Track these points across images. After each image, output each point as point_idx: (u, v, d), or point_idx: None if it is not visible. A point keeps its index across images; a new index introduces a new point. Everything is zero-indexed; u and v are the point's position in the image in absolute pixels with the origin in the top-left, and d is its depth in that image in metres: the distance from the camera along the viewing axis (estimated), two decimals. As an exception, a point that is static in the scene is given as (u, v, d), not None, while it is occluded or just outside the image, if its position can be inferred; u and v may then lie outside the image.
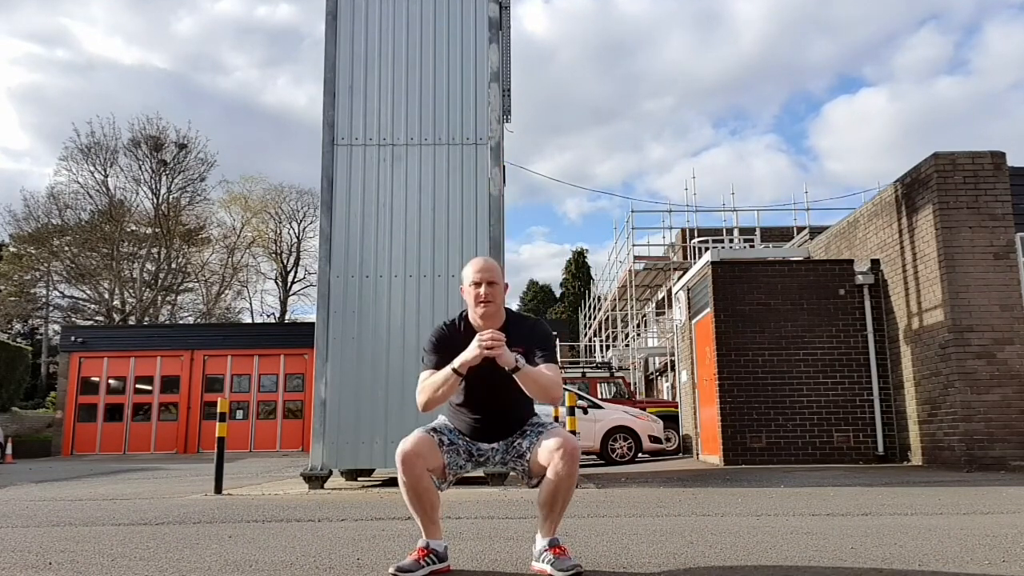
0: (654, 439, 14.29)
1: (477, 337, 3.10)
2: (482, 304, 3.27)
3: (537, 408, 3.52)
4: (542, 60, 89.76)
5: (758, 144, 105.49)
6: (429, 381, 3.25)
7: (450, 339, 3.32)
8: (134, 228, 40.70)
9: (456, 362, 3.14)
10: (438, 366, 3.26)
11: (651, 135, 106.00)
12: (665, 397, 26.08)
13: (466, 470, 3.38)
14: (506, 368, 3.09)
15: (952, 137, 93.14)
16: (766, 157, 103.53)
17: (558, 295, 63.87)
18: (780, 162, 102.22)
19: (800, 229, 22.91)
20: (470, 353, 3.10)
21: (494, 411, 3.30)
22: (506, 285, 3.41)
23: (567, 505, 3.24)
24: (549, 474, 3.14)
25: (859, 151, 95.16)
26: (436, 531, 3.29)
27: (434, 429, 3.34)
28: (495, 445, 3.35)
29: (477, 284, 3.28)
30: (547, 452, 3.15)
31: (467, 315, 3.38)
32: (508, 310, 3.39)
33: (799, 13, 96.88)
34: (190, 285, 44.52)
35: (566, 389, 11.15)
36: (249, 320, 47.13)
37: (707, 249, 14.79)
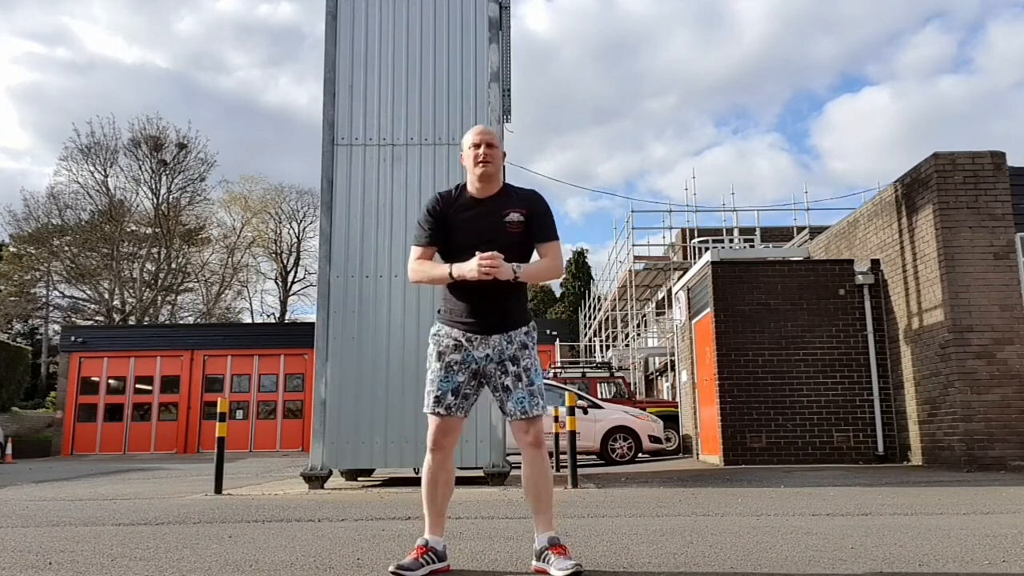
0: (654, 439, 14.29)
1: (477, 258, 3.15)
2: (481, 164, 3.31)
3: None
4: (543, 59, 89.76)
5: (760, 143, 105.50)
6: (426, 271, 3.36)
7: (444, 209, 3.37)
8: (134, 228, 40.73)
9: (455, 271, 3.23)
10: (431, 238, 3.34)
11: (653, 134, 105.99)
12: (665, 397, 26.07)
13: (474, 392, 3.36)
14: (508, 279, 3.18)
15: (955, 136, 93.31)
16: (768, 156, 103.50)
17: (558, 295, 63.85)
18: (782, 161, 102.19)
19: (800, 229, 22.91)
20: (469, 272, 3.17)
21: (490, 298, 3.27)
22: (504, 153, 3.50)
23: (551, 492, 3.32)
24: (523, 464, 3.31)
25: (862, 150, 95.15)
26: (439, 527, 3.32)
27: (438, 399, 3.30)
28: (490, 352, 3.30)
29: (476, 145, 3.34)
30: (517, 432, 3.28)
31: (464, 185, 3.43)
32: (506, 182, 3.47)
33: (802, 12, 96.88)
34: (190, 285, 44.57)
35: (566, 389, 11.17)
36: (249, 320, 47.18)
37: (707, 249, 14.79)
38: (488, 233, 3.28)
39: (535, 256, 3.40)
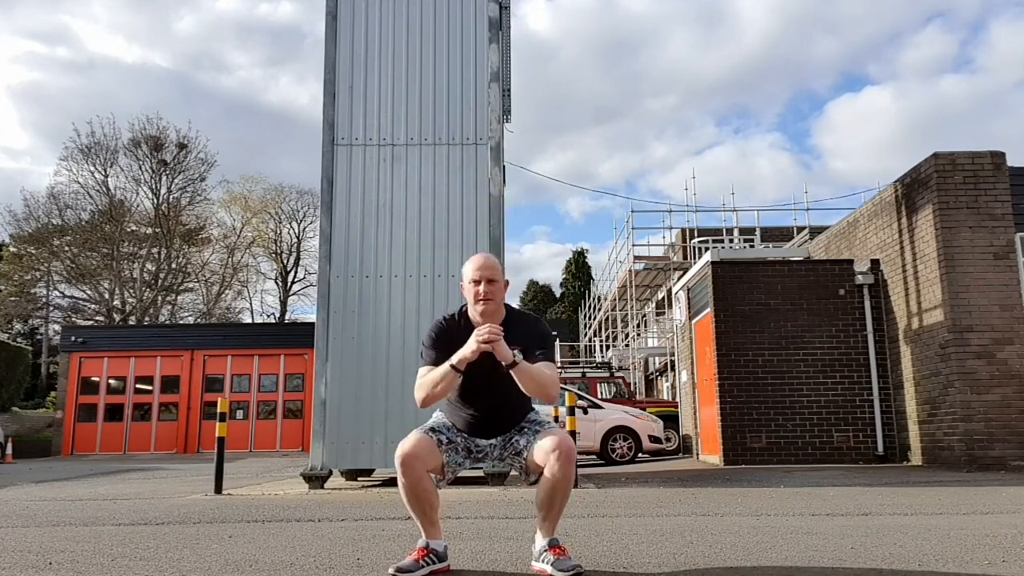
0: (654, 439, 14.29)
1: (475, 332, 3.10)
2: (482, 302, 3.27)
3: (536, 406, 3.52)
4: (544, 59, 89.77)
5: (761, 143, 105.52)
6: (428, 377, 3.25)
7: (448, 334, 3.31)
8: (134, 228, 40.72)
9: (455, 358, 3.14)
10: (436, 361, 3.25)
11: (654, 134, 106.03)
12: (665, 397, 26.07)
13: (464, 467, 3.38)
14: (504, 363, 3.09)
15: (956, 136, 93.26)
16: (769, 156, 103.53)
17: (558, 295, 63.86)
18: (783, 161, 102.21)
19: (800, 229, 22.91)
20: (468, 349, 3.10)
21: (492, 407, 3.30)
22: (506, 282, 3.40)
23: (565, 505, 3.24)
24: (546, 474, 3.14)
25: (863, 150, 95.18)
26: (436, 532, 3.29)
27: (432, 429, 3.34)
28: (493, 441, 3.35)
29: (477, 282, 3.27)
30: (543, 453, 3.14)
31: (467, 310, 3.37)
32: (508, 307, 3.38)
33: (803, 11, 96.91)
34: (190, 285, 44.54)
35: (566, 389, 11.17)
36: (249, 320, 47.17)
37: (707, 249, 14.79)
38: (489, 369, 3.17)
39: None
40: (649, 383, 31.44)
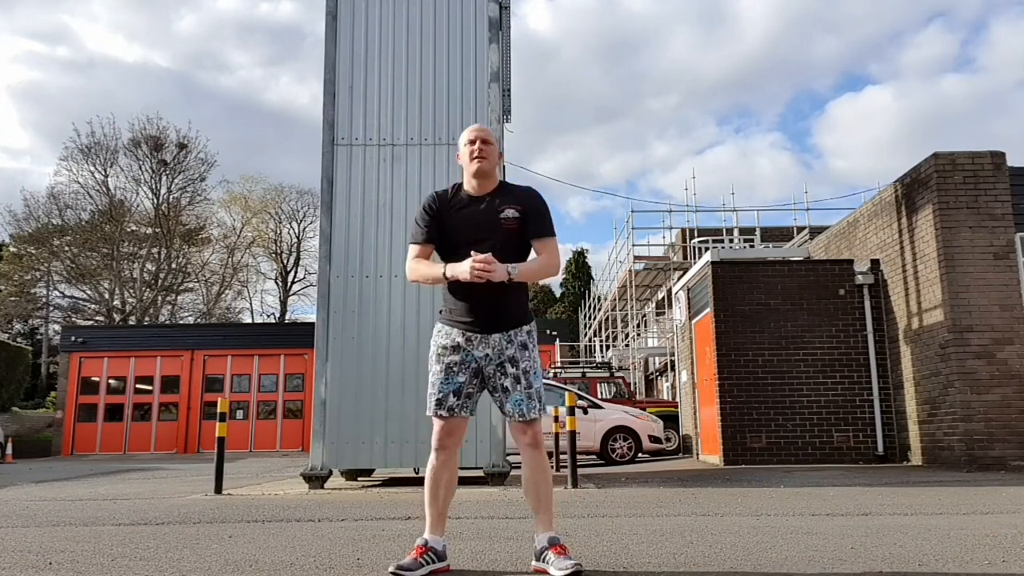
0: (654, 439, 14.29)
1: (471, 260, 3.13)
2: (476, 160, 3.31)
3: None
4: (545, 58, 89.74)
5: (762, 142, 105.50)
6: (422, 270, 3.35)
7: (440, 207, 3.38)
8: (134, 228, 40.74)
9: (449, 271, 3.23)
10: (426, 238, 3.35)
11: (655, 133, 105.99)
12: (665, 397, 26.07)
13: (476, 390, 3.35)
14: (503, 281, 3.16)
15: (957, 135, 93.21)
16: (770, 155, 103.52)
17: (558, 295, 63.84)
18: (784, 160, 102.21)
19: (800, 229, 22.91)
20: (462, 274, 3.16)
21: (488, 290, 3.24)
22: (501, 153, 3.50)
23: (551, 492, 3.32)
24: (523, 465, 3.32)
25: (863, 149, 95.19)
26: (440, 527, 3.32)
27: (439, 402, 3.30)
28: (489, 352, 3.29)
29: (472, 141, 3.35)
30: (516, 434, 3.30)
31: (460, 184, 3.44)
32: (502, 181, 3.47)
33: (804, 11, 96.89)
34: (190, 285, 44.57)
35: (566, 389, 11.17)
36: (249, 320, 47.18)
37: (707, 249, 14.79)
38: (484, 230, 3.27)
39: (532, 254, 3.40)
40: (649, 383, 31.43)
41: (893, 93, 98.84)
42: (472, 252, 3.17)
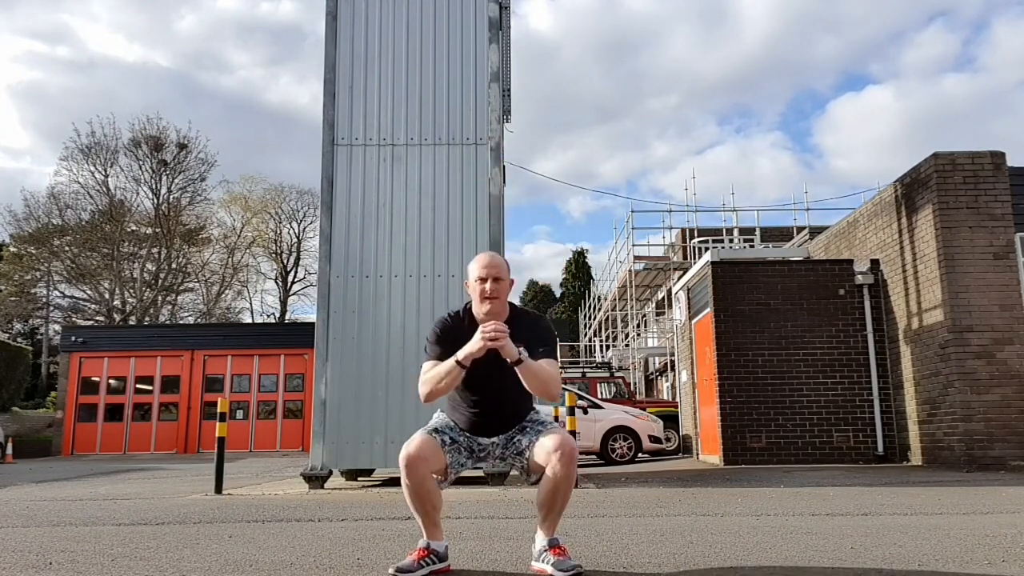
0: (654, 439, 14.29)
1: (481, 328, 3.10)
2: (488, 300, 3.27)
3: (538, 405, 3.52)
4: (545, 58, 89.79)
5: (763, 142, 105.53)
6: (432, 372, 3.25)
7: (453, 330, 3.31)
8: (134, 228, 40.72)
9: (460, 354, 3.14)
10: (441, 357, 3.26)
11: (655, 133, 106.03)
12: (665, 397, 26.08)
13: (467, 467, 3.39)
14: (509, 360, 3.09)
15: (958, 135, 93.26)
16: (771, 155, 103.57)
17: (558, 295, 63.87)
18: (785, 160, 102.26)
19: (800, 229, 22.91)
20: (474, 345, 3.09)
21: (494, 404, 3.30)
22: (511, 281, 3.41)
23: (566, 505, 3.24)
24: (547, 474, 3.15)
25: (864, 149, 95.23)
26: (437, 532, 3.30)
27: (436, 430, 3.34)
28: (495, 440, 3.35)
29: (483, 279, 3.28)
30: (544, 453, 3.16)
31: (471, 307, 3.38)
32: (512, 304, 3.40)
33: (805, 10, 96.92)
34: (190, 285, 44.55)
35: (566, 389, 11.17)
36: (249, 320, 47.17)
37: (707, 249, 14.79)
38: (492, 365, 3.17)
39: None
40: (649, 383, 31.44)
41: (894, 93, 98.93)
42: (480, 327, 3.15)
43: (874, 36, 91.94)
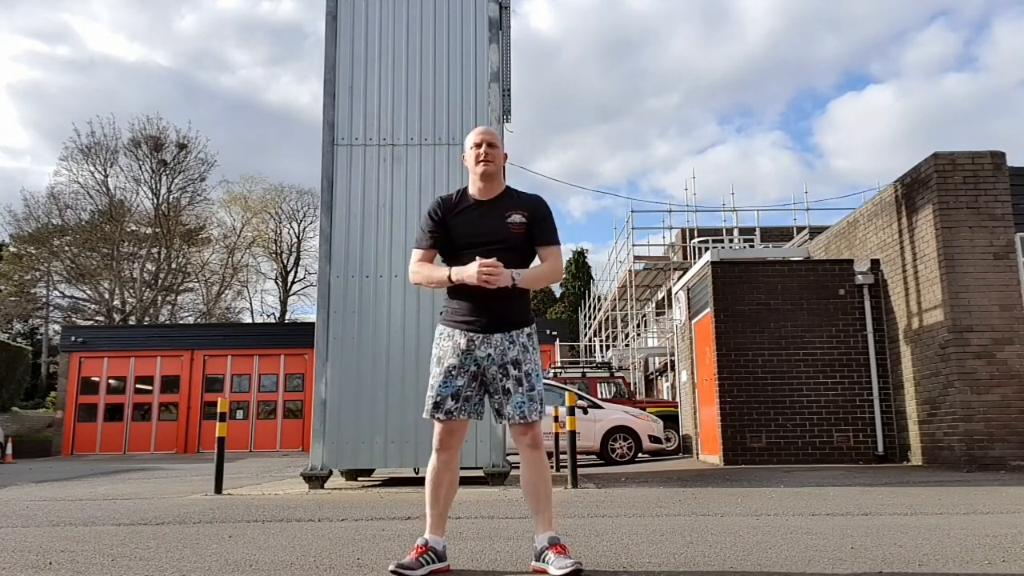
0: (654, 439, 14.29)
1: (478, 263, 3.15)
2: (482, 163, 3.33)
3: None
4: (546, 57, 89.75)
5: (764, 141, 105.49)
6: (426, 274, 3.38)
7: (444, 214, 3.39)
8: (134, 228, 40.75)
9: (455, 274, 3.23)
10: (431, 244, 3.38)
11: (656, 132, 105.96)
12: (665, 397, 26.08)
13: (479, 396, 3.34)
14: (507, 286, 3.18)
15: (959, 135, 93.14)
16: (771, 155, 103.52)
17: (558, 295, 63.88)
18: (786, 160, 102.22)
19: (800, 229, 22.91)
20: (468, 277, 3.17)
21: (490, 291, 3.24)
22: (505, 155, 3.51)
23: (550, 492, 3.31)
24: (521, 465, 3.33)
25: (865, 149, 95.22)
26: (441, 528, 3.32)
27: (436, 405, 3.30)
28: (490, 352, 3.29)
29: (478, 145, 3.36)
30: (516, 435, 3.30)
31: (466, 188, 3.45)
32: (507, 186, 3.49)
33: (806, 9, 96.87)
34: (190, 285, 44.59)
35: (566, 389, 11.17)
36: (249, 320, 47.18)
37: (707, 249, 14.79)
38: (490, 233, 3.29)
39: (536, 260, 3.41)
40: (649, 383, 31.44)
41: (895, 92, 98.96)
42: (477, 257, 3.18)
43: (875, 35, 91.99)
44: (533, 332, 3.40)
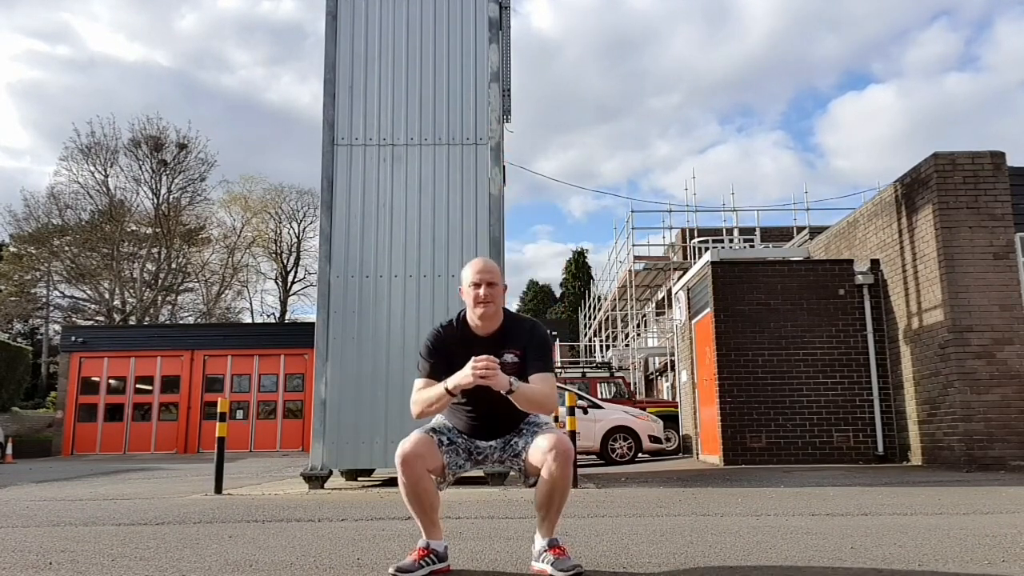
0: (654, 439, 14.29)
1: (472, 362, 3.08)
2: (481, 305, 3.27)
3: None
4: (547, 57, 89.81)
5: (765, 141, 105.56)
6: (423, 395, 3.28)
7: (446, 342, 3.33)
8: (134, 228, 40.73)
9: (450, 383, 3.14)
10: (432, 372, 3.30)
11: (657, 132, 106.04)
12: (665, 397, 26.07)
13: (465, 469, 3.39)
14: (501, 391, 3.08)
15: (960, 134, 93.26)
16: (772, 154, 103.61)
17: (558, 295, 63.88)
18: (786, 159, 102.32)
19: (800, 229, 22.91)
20: (464, 378, 3.09)
21: (491, 409, 3.29)
22: (505, 286, 3.41)
23: (564, 505, 3.24)
24: (543, 475, 3.14)
25: (866, 148, 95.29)
26: (436, 532, 3.30)
27: (433, 429, 3.36)
28: (493, 443, 3.36)
29: (476, 285, 3.28)
30: (540, 453, 3.15)
31: (465, 316, 3.38)
32: (506, 311, 3.39)
33: (807, 9, 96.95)
34: (190, 285, 44.57)
35: (566, 389, 11.17)
36: (249, 320, 47.17)
37: (707, 249, 14.79)
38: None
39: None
40: (649, 383, 31.43)
41: (896, 92, 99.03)
42: (472, 359, 3.11)
43: (876, 35, 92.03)
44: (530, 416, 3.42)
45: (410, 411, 3.41)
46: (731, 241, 22.67)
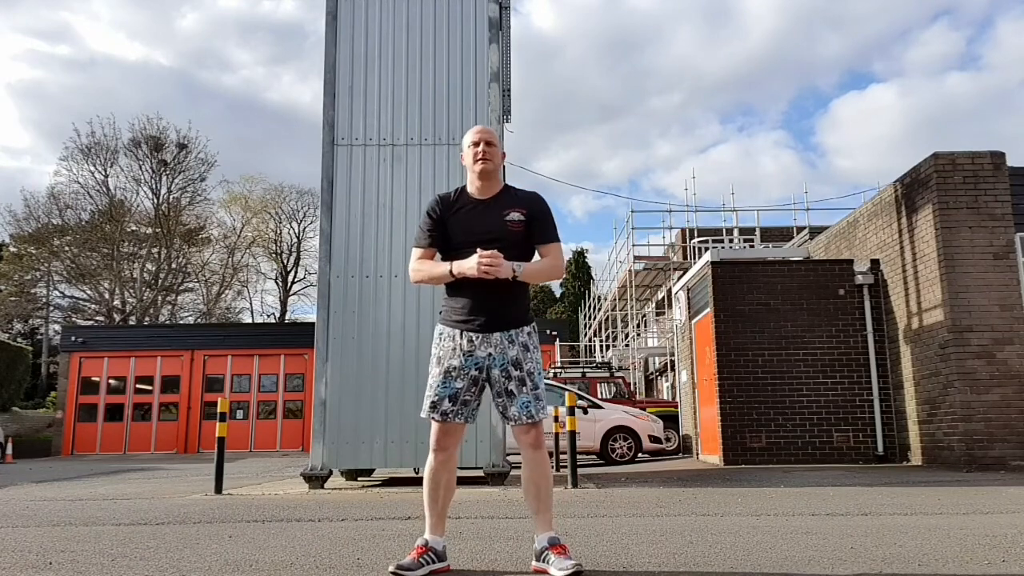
0: (654, 439, 14.29)
1: (478, 254, 3.17)
2: (480, 161, 3.34)
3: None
4: (548, 56, 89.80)
5: (766, 141, 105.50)
6: (426, 267, 3.38)
7: (443, 212, 3.40)
8: (134, 228, 40.77)
9: (455, 268, 3.25)
10: (430, 243, 3.38)
11: (658, 132, 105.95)
12: (665, 397, 26.08)
13: (477, 400, 3.35)
14: (508, 279, 3.19)
15: (962, 134, 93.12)
16: (773, 154, 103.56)
17: (558, 295, 63.86)
18: (788, 159, 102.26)
19: (800, 229, 22.91)
20: (469, 269, 3.19)
21: (489, 289, 3.25)
22: (503, 154, 3.53)
23: (551, 492, 3.32)
24: (523, 471, 3.30)
25: (867, 148, 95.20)
26: (441, 527, 3.33)
27: (433, 405, 3.31)
28: (491, 351, 3.28)
29: (475, 143, 3.37)
30: (519, 435, 3.29)
31: (464, 187, 3.46)
32: (506, 183, 3.50)
33: (809, 8, 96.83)
34: (190, 285, 44.61)
35: (566, 389, 11.17)
36: (249, 320, 47.19)
37: (707, 249, 14.79)
38: (489, 231, 3.30)
39: (536, 256, 3.41)
40: (649, 383, 31.44)
41: (898, 91, 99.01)
42: (478, 249, 3.19)
43: (878, 34, 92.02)
44: (533, 332, 3.39)
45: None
46: (731, 241, 22.66)
